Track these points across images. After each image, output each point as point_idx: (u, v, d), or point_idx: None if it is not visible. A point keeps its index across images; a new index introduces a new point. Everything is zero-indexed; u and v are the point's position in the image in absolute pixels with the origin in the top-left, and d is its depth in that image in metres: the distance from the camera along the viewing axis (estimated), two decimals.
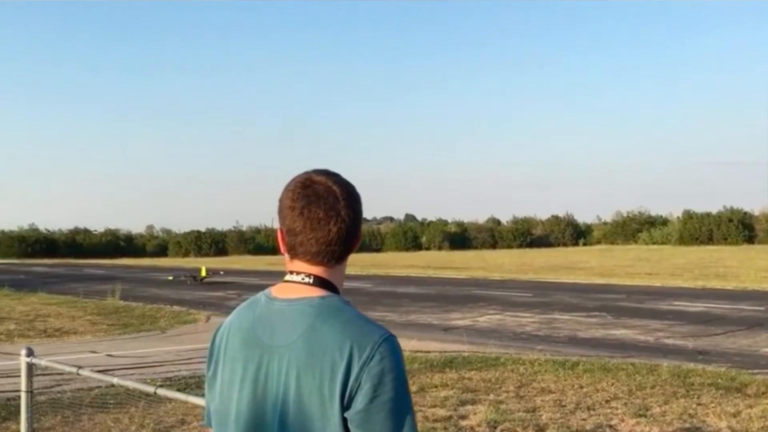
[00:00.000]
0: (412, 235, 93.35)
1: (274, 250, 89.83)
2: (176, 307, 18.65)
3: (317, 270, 1.58)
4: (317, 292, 1.56)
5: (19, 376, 8.78)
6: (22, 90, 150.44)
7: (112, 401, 7.71)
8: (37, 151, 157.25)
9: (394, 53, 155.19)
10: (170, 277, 31.39)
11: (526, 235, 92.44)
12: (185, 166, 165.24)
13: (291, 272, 1.60)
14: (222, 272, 33.39)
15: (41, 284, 28.06)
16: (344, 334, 1.49)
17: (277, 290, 1.61)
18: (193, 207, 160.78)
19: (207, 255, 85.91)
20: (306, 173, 1.60)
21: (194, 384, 8.72)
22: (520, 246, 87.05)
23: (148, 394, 5.67)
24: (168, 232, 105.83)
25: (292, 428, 1.48)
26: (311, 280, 1.57)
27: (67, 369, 4.67)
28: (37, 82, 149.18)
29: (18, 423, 6.82)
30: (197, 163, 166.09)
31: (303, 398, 1.47)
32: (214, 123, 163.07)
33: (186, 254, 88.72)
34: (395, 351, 1.50)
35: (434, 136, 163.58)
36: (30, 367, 4.59)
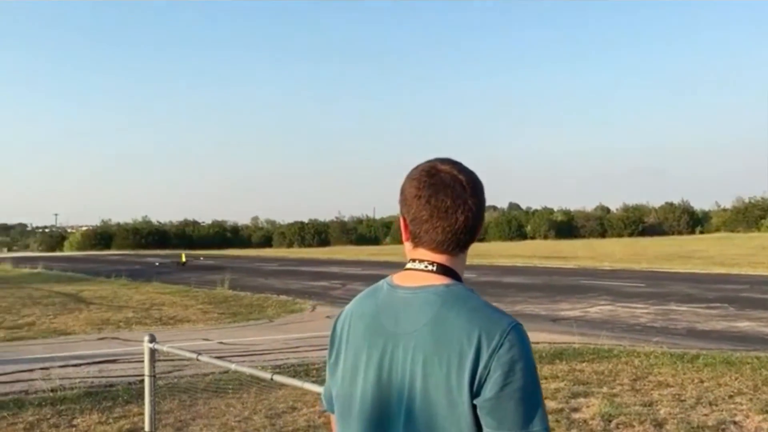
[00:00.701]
0: (516, 224, 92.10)
1: (376, 240, 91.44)
2: (283, 297, 19.04)
3: (441, 258, 1.57)
4: (441, 280, 1.56)
5: (139, 361, 9.21)
6: (137, 90, 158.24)
7: (225, 387, 7.90)
8: (147, 147, 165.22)
9: (499, 34, 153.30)
10: (157, 263, 33.87)
11: (638, 223, 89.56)
12: (288, 158, 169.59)
13: (413, 260, 1.60)
14: (201, 258, 35.27)
15: (155, 274, 29.37)
16: (472, 322, 1.48)
17: (400, 278, 1.60)
18: (297, 198, 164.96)
19: (310, 245, 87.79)
20: (430, 162, 1.60)
21: (302, 372, 8.82)
22: (631, 234, 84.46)
23: (263, 381, 5.76)
24: (272, 223, 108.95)
25: (418, 415, 1.48)
26: (434, 268, 1.57)
27: (187, 355, 4.78)
28: (152, 80, 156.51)
29: (138, 405, 7.11)
30: (300, 155, 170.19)
31: (429, 386, 1.47)
32: (315, 115, 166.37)
33: (290, 245, 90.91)
34: (524, 339, 1.48)
35: (538, 122, 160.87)
36: (152, 352, 4.73)
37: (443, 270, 1.57)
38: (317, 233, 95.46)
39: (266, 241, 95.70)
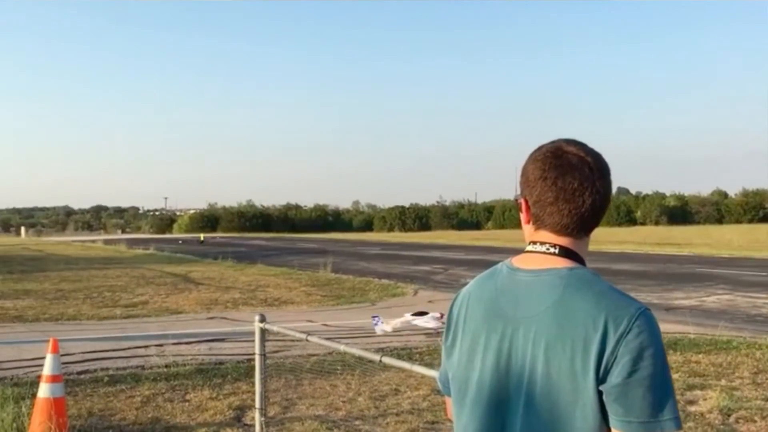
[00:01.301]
0: (625, 209, 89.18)
1: (477, 225, 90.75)
2: (384, 281, 19.11)
3: (564, 241, 1.54)
4: (564, 263, 1.52)
5: (246, 341, 9.46)
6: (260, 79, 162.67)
7: (330, 368, 7.98)
8: (253, 133, 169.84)
9: (601, 12, 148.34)
10: (180, 241, 37.79)
11: (759, 208, 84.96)
12: (391, 144, 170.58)
13: (534, 242, 1.57)
14: (218, 237, 39.36)
15: (260, 257, 30.19)
16: (598, 307, 1.43)
17: (520, 261, 1.58)
18: (398, 182, 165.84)
19: (411, 230, 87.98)
20: (555, 143, 1.57)
21: (405, 355, 8.79)
22: (750, 221, 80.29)
23: (369, 362, 5.77)
24: (373, 207, 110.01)
25: (540, 400, 1.45)
26: (557, 251, 1.53)
27: (297, 335, 4.82)
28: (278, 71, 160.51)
29: (247, 383, 7.28)
30: (403, 140, 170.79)
31: (551, 370, 1.44)
32: (419, 100, 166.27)
33: (390, 229, 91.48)
34: (653, 325, 1.43)
35: (647, 104, 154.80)
36: (263, 332, 4.80)
37: (566, 252, 1.53)
38: (418, 218, 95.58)
39: (367, 226, 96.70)
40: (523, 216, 1.60)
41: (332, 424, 6.12)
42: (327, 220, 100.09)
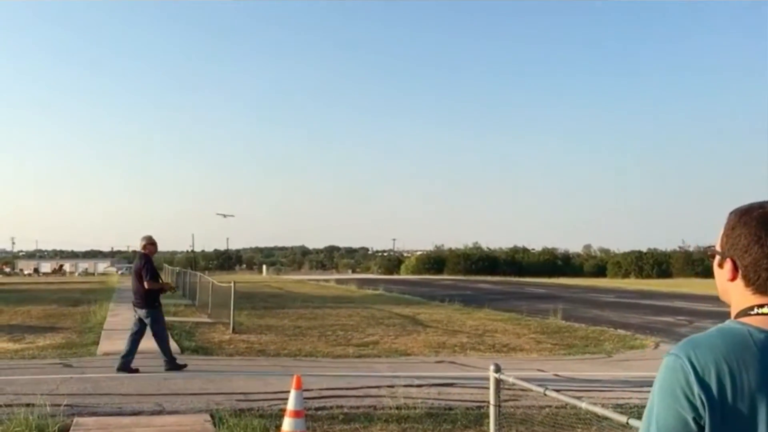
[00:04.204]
0: None
1: None
2: (621, 331, 17.95)
3: None
4: None
5: (476, 387, 9.26)
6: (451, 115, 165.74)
7: (563, 422, 7.50)
8: (474, 172, 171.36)
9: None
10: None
11: None
12: (625, 180, 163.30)
13: (764, 305, 1.58)
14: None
15: (486, 300, 29.88)
16: None
17: (763, 323, 1.56)
18: (634, 225, 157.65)
19: (649, 276, 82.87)
20: (763, 207, 1.62)
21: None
22: None
23: (611, 422, 5.28)
24: (606, 251, 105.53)
25: None
26: None
27: (534, 388, 4.52)
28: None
29: (476, 431, 7.06)
30: (637, 176, 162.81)
31: None
32: (650, 141, 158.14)
33: (626, 275, 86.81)
34: None
35: None
36: (498, 382, 4.57)
37: None
38: (657, 264, 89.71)
39: (599, 271, 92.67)
40: (726, 273, 1.64)
41: None
42: (556, 264, 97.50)
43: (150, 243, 11.45)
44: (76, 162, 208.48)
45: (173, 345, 13.96)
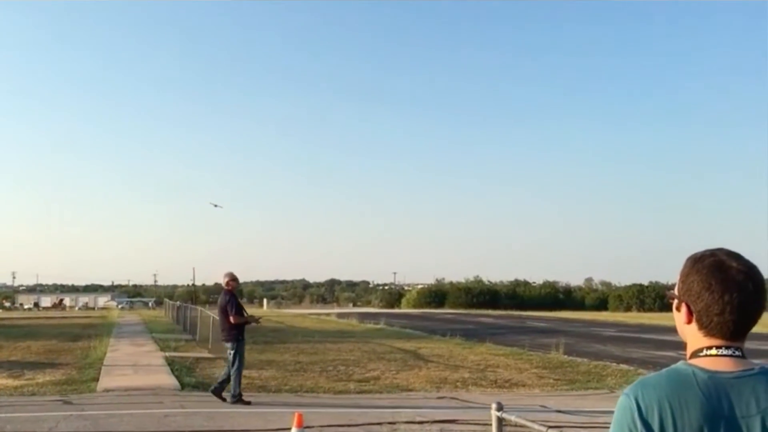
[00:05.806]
0: None
1: None
2: (623, 366, 17.86)
3: (737, 344, 1.68)
4: (752, 363, 1.67)
5: (478, 424, 9.20)
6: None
7: None
8: (479, 208, 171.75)
9: None
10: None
11: None
12: (626, 213, 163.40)
13: (712, 347, 1.68)
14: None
15: (488, 335, 29.69)
16: None
17: (709, 363, 1.66)
18: (636, 258, 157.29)
19: (651, 310, 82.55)
20: (714, 255, 1.70)
21: None
22: None
23: None
24: (607, 285, 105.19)
25: None
26: (741, 353, 1.68)
27: (536, 428, 4.51)
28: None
29: None
30: (640, 210, 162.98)
31: None
32: (655, 173, 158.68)
33: (627, 309, 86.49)
34: None
35: None
36: (500, 421, 4.57)
37: (743, 354, 1.68)
38: (659, 297, 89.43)
39: (601, 304, 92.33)
40: (682, 317, 1.73)
41: None
42: (557, 297, 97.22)
43: (232, 279, 11.97)
44: (79, 195, 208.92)
45: (173, 381, 13.91)
